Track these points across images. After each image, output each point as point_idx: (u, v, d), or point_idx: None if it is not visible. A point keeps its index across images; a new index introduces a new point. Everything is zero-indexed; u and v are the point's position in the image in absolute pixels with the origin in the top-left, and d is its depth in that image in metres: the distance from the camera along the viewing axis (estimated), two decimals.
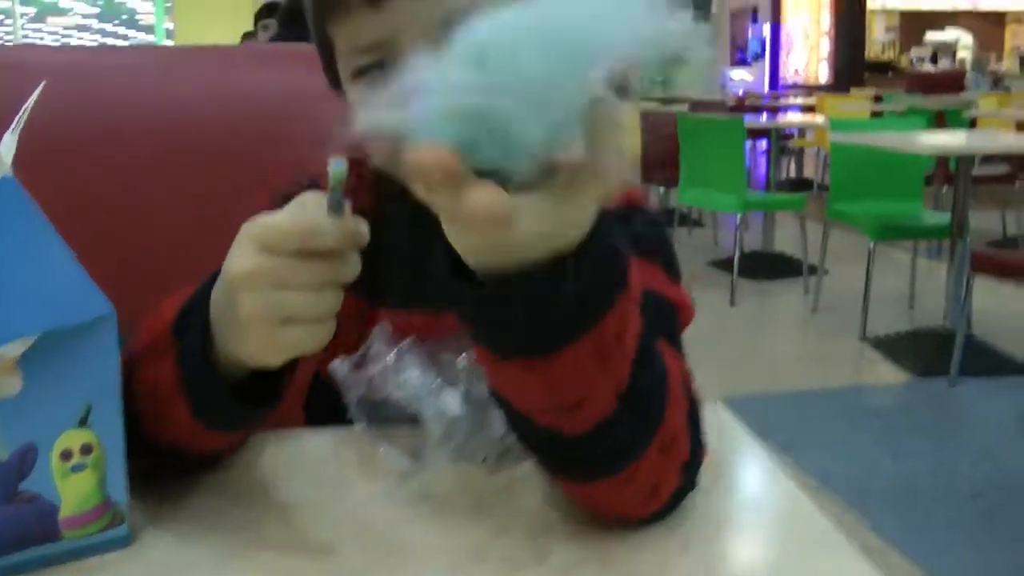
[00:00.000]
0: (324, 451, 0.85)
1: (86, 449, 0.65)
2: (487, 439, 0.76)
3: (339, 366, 0.77)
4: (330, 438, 0.86)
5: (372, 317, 0.87)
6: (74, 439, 0.65)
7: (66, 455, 0.64)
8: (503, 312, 0.57)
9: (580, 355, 0.58)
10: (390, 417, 0.75)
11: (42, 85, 0.71)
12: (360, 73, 0.82)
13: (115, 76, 1.31)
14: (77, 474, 0.65)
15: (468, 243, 0.56)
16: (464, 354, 0.76)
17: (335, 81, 0.88)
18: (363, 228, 0.65)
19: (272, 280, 0.64)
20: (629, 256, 0.61)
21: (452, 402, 0.75)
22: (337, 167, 0.63)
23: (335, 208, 0.64)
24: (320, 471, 0.81)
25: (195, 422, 0.72)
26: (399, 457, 0.76)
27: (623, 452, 0.64)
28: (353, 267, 0.66)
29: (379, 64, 0.81)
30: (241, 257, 0.65)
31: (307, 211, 0.65)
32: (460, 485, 0.76)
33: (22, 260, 0.63)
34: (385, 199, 0.90)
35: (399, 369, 0.75)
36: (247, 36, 6.57)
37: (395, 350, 0.76)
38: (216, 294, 0.69)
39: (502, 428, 0.73)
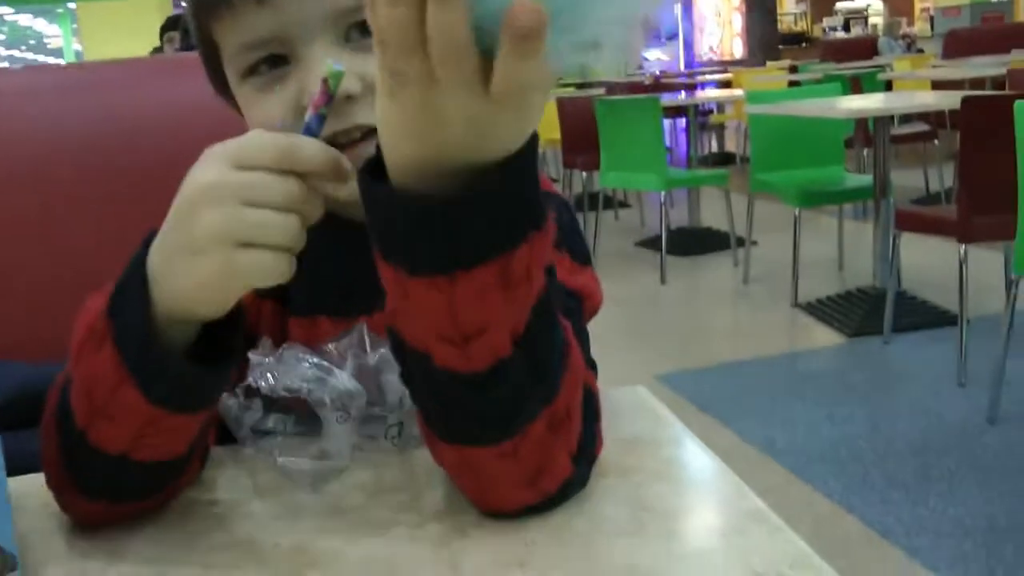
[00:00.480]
0: (226, 469, 0.81)
1: None
2: (387, 409, 0.75)
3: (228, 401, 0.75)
4: (225, 455, 0.82)
5: (286, 324, 0.87)
6: None
7: None
8: (420, 221, 0.55)
9: (488, 279, 0.56)
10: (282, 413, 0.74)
11: None
12: (250, 72, 0.80)
13: (15, 97, 1.28)
14: None
15: (415, 130, 0.52)
16: (346, 337, 0.75)
17: (221, 86, 0.86)
18: (344, 160, 0.64)
19: (238, 192, 0.61)
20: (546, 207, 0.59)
21: (343, 378, 0.73)
22: (336, 67, 0.63)
23: (319, 123, 0.64)
24: (224, 489, 0.77)
25: (151, 405, 0.65)
26: (300, 462, 0.74)
27: (514, 407, 0.62)
28: (319, 206, 0.65)
29: (269, 59, 0.79)
30: (207, 170, 0.62)
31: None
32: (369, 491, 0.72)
33: None
34: None
35: (281, 364, 0.73)
36: (156, 51, 6.49)
37: (275, 353, 0.73)
38: (155, 250, 0.65)
39: (398, 394, 0.73)
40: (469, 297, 0.56)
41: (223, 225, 0.61)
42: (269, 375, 0.71)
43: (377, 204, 0.57)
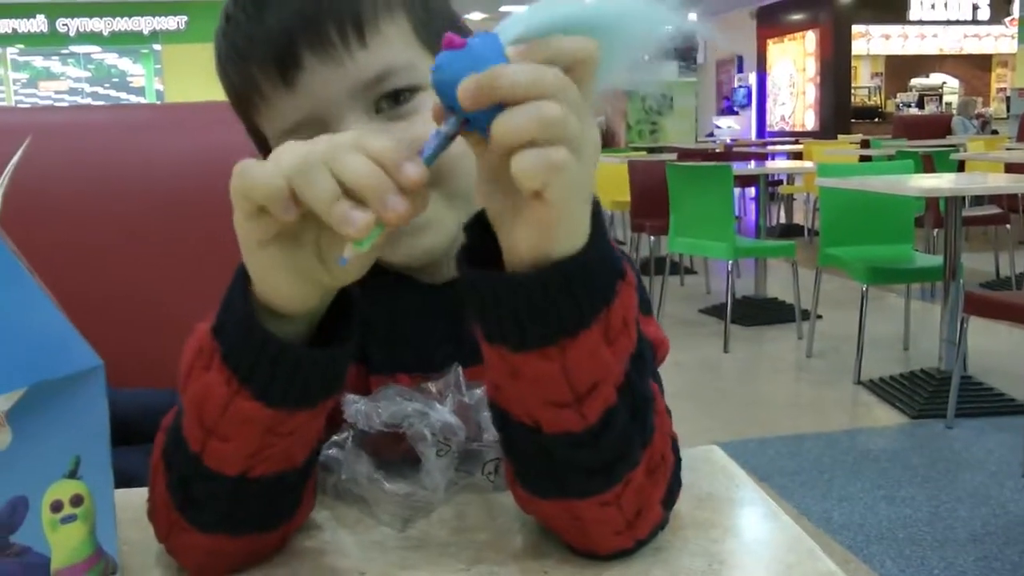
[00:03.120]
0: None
1: (76, 500, 0.64)
2: (485, 444, 0.77)
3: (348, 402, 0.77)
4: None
5: (367, 384, 0.88)
6: (64, 490, 0.64)
7: (56, 507, 0.64)
8: (526, 301, 0.59)
9: (594, 338, 0.60)
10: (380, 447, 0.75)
11: (26, 142, 0.71)
12: None
13: (101, 133, 1.32)
14: (67, 525, 0.64)
15: (531, 224, 0.58)
16: (443, 378, 0.77)
17: None
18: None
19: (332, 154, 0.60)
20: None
21: (444, 412, 0.75)
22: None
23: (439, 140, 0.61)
24: (318, 521, 0.80)
25: (268, 407, 0.64)
26: (396, 497, 0.76)
27: (619, 454, 0.65)
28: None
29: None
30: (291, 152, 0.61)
31: None
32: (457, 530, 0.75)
33: (7, 314, 0.63)
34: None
35: (378, 401, 0.76)
36: None
37: (370, 395, 0.76)
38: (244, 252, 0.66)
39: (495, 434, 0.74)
40: (582, 359, 0.60)
41: (323, 191, 0.59)
42: (366, 412, 0.74)
43: (478, 290, 0.61)
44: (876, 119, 19.48)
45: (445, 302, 0.88)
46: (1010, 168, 7.04)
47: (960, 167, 7.49)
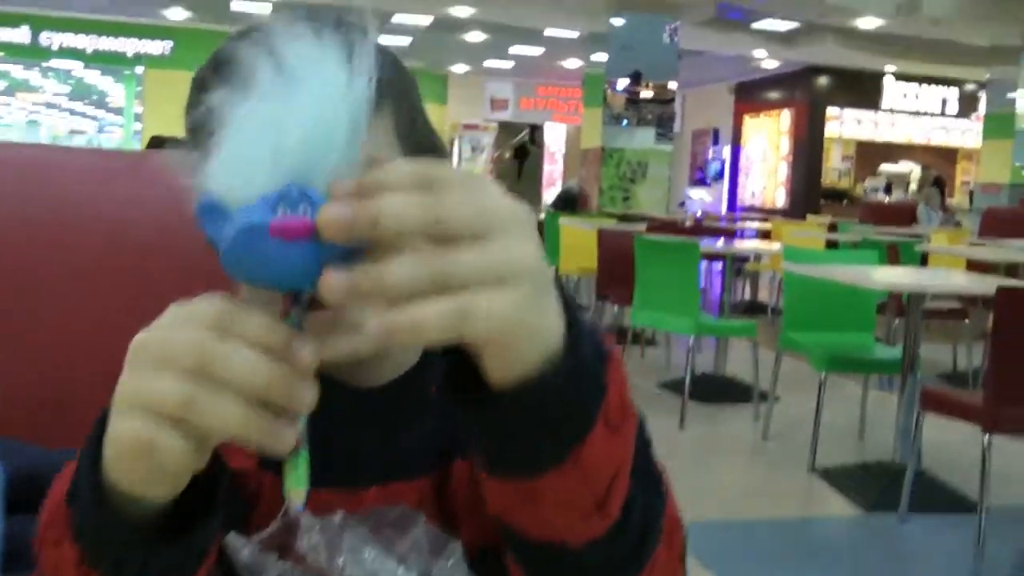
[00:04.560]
0: None
1: None
2: None
3: (241, 545, 0.69)
4: None
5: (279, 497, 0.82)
6: None
7: None
8: (531, 422, 0.55)
9: (601, 433, 0.56)
10: None
11: None
12: None
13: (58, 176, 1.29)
14: None
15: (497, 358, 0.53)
16: (414, 530, 0.71)
17: None
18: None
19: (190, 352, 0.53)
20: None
21: None
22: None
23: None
24: None
25: None
26: None
27: (643, 535, 0.63)
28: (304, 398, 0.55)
29: None
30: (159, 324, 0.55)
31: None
32: None
33: None
34: None
35: (336, 546, 0.69)
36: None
37: (319, 524, 0.70)
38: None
39: None
40: (596, 460, 0.57)
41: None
42: (324, 549, 0.69)
43: (484, 426, 0.56)
44: (844, 201, 19.70)
45: (376, 409, 0.83)
46: (972, 264, 7.12)
47: (924, 258, 7.56)
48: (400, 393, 0.84)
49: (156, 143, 5.76)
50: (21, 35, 18.05)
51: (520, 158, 23.55)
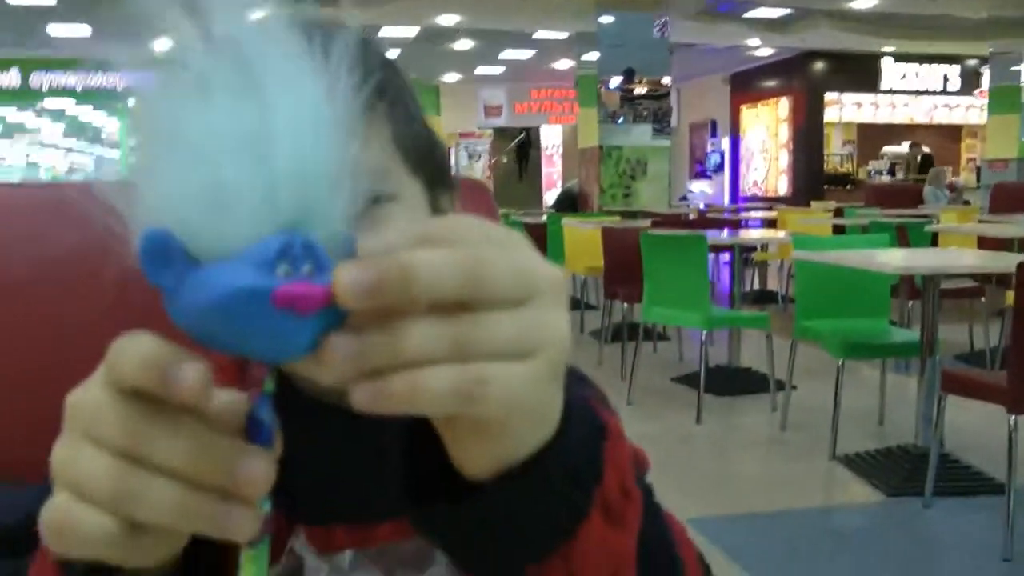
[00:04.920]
0: None
1: None
2: None
3: None
4: None
5: (289, 534, 0.75)
6: None
7: None
8: (505, 519, 0.47)
9: (596, 526, 0.49)
10: None
11: None
12: None
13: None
14: None
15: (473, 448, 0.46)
16: (432, 568, 0.65)
17: None
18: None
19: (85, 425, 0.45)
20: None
21: None
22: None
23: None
24: None
25: None
26: None
27: None
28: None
29: None
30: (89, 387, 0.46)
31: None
32: None
33: None
34: (282, 404, 0.79)
35: None
36: None
37: (327, 567, 0.64)
38: None
39: None
40: (589, 555, 0.49)
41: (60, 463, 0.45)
42: None
43: (440, 527, 0.49)
44: (848, 186, 19.64)
45: (380, 436, 0.78)
46: (983, 242, 7.05)
47: (934, 239, 7.50)
48: (404, 419, 0.78)
49: None
50: (11, 79, 18.12)
51: (522, 156, 23.64)
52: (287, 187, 0.41)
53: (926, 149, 20.02)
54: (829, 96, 19.74)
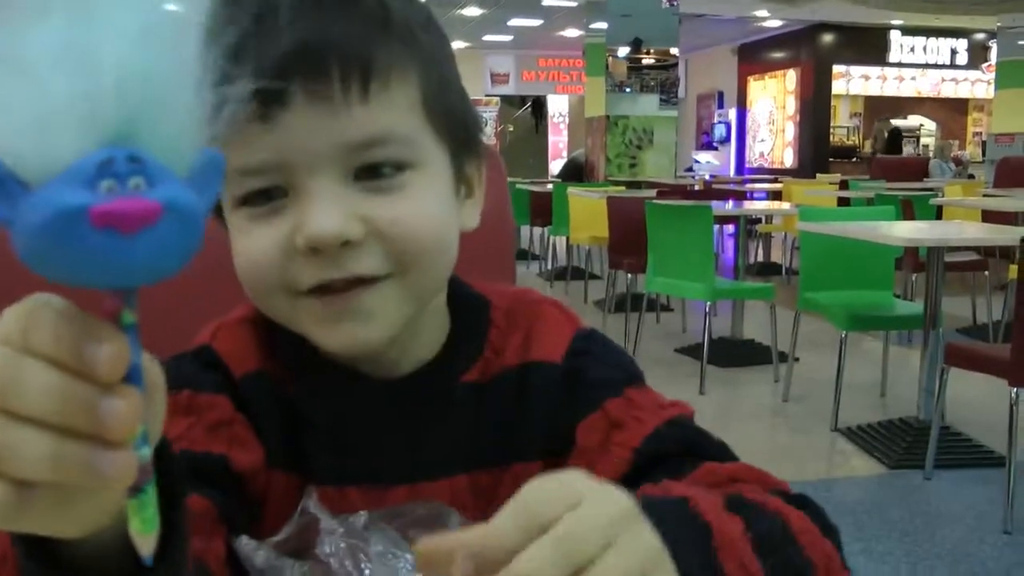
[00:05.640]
0: None
1: None
2: None
3: (255, 548, 0.64)
4: None
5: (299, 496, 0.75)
6: None
7: None
8: None
9: None
10: None
11: None
12: (244, 201, 0.71)
13: None
14: None
15: None
16: (444, 531, 0.65)
17: (215, 208, 0.76)
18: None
19: None
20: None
21: None
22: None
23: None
24: None
25: None
26: None
27: None
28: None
29: (266, 193, 0.70)
30: None
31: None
32: None
33: None
34: (292, 364, 0.80)
35: (362, 551, 0.63)
36: None
37: (343, 527, 0.64)
38: None
39: None
40: None
41: None
42: (348, 555, 0.62)
43: None
44: (854, 159, 19.58)
45: (400, 403, 0.78)
46: (988, 215, 7.04)
47: (938, 212, 7.49)
48: (421, 385, 0.79)
49: None
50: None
51: (537, 115, 23.86)
52: (111, 99, 0.39)
53: (894, 123, 19.97)
54: (837, 68, 19.64)
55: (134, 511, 0.43)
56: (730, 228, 10.50)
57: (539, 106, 24.08)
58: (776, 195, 10.58)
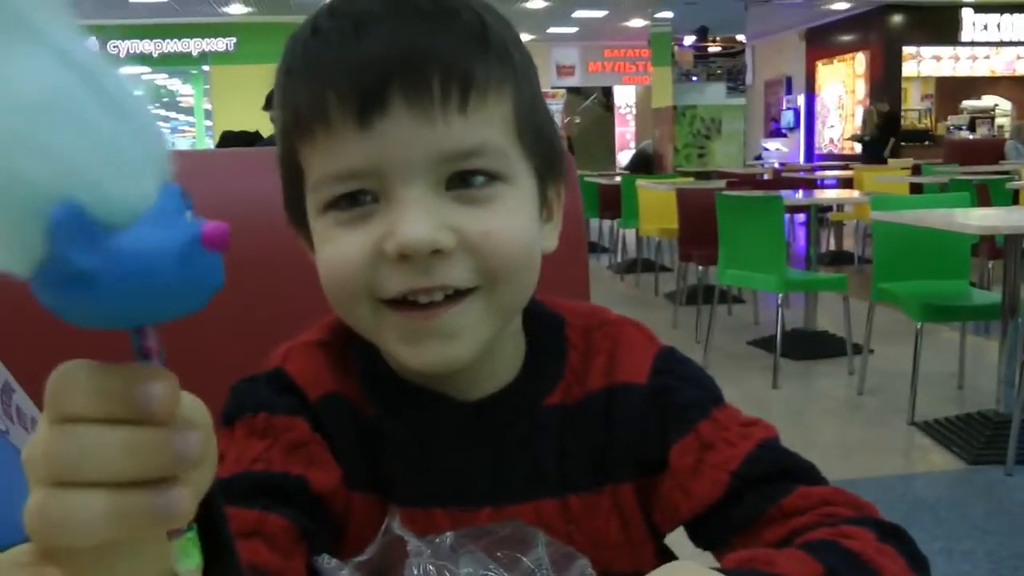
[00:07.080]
0: None
1: None
2: None
3: (336, 569, 0.64)
4: None
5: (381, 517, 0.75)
6: None
7: None
8: None
9: None
10: None
11: None
12: (332, 205, 0.72)
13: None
14: None
15: None
16: (534, 550, 0.66)
17: (298, 216, 0.78)
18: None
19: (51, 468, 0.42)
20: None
21: None
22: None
23: None
24: None
25: None
26: None
27: None
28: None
29: (354, 195, 0.71)
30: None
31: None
32: None
33: None
34: (369, 386, 0.81)
35: (445, 570, 0.64)
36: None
37: (430, 548, 0.65)
38: None
39: None
40: None
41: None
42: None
43: None
44: (927, 142, 19.20)
45: (483, 425, 0.79)
46: None
47: (1015, 196, 7.31)
48: (504, 407, 0.80)
49: (226, 138, 5.82)
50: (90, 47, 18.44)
51: (606, 103, 23.99)
52: (159, 136, 0.42)
53: (966, 104, 19.49)
54: (907, 50, 19.25)
55: (191, 544, 0.43)
56: (801, 216, 10.39)
57: (608, 95, 24.11)
58: (847, 182, 10.42)
